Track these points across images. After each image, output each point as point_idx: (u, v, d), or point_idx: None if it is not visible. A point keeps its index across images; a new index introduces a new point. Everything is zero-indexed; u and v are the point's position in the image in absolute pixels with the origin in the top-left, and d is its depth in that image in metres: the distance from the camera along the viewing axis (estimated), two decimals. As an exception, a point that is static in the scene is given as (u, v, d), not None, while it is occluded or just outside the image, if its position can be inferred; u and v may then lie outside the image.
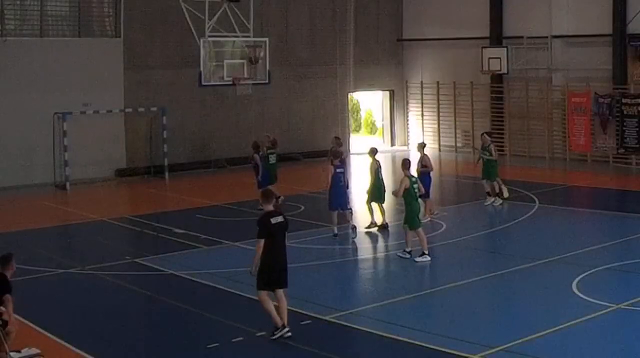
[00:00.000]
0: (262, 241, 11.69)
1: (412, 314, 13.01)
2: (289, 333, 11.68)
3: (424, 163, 20.02)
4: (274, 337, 11.65)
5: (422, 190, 16.87)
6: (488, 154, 21.51)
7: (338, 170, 18.61)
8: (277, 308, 11.81)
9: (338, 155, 18.81)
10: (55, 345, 11.68)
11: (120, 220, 21.16)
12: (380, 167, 19.36)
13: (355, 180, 24.71)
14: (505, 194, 21.68)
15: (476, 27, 31.91)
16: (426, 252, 16.05)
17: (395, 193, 16.52)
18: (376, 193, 19.15)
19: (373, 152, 19.44)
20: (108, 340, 11.97)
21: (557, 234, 18.54)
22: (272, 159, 22.00)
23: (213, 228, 19.42)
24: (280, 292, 11.89)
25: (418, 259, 15.97)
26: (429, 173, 20.02)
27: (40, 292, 14.23)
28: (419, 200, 16.69)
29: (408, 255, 16.19)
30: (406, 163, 16.46)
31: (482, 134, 22.69)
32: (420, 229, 16.26)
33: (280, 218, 11.96)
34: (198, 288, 14.61)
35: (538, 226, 19.51)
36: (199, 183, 27.36)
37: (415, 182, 16.40)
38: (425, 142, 22.07)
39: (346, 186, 18.92)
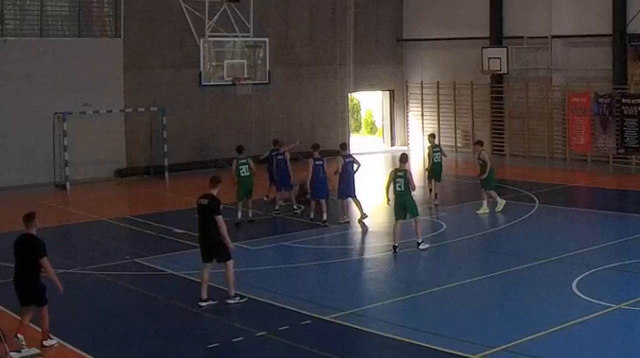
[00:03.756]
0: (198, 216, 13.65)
1: (412, 314, 13.01)
2: (227, 301, 13.31)
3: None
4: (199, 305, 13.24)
5: (412, 185, 16.88)
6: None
7: (317, 162, 19.89)
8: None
9: (317, 148, 20.31)
10: (53, 347, 11.67)
11: (120, 220, 21.16)
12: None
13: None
14: (497, 207, 20.72)
15: (476, 27, 31.92)
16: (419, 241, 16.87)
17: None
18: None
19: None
20: (108, 340, 11.97)
21: (557, 234, 18.55)
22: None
23: (213, 228, 19.37)
24: (225, 264, 13.37)
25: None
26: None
27: (40, 292, 14.21)
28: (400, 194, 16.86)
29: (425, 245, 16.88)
30: (402, 157, 17.14)
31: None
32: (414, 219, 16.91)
33: (203, 201, 13.58)
34: (198, 288, 14.58)
35: (538, 226, 19.51)
36: (199, 183, 27.22)
37: (402, 177, 16.69)
38: (345, 143, 21.52)
39: (325, 177, 19.97)
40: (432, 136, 23.37)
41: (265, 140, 29.06)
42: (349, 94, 34.50)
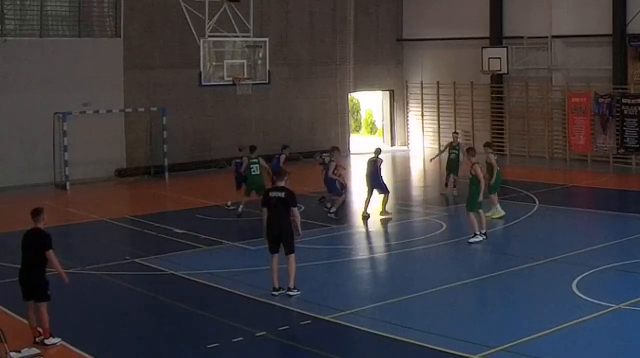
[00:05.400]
0: (264, 209, 13.67)
1: (412, 314, 13.00)
2: (288, 293, 13.53)
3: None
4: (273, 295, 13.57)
5: (479, 176, 17.60)
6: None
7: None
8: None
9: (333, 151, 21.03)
10: (55, 345, 11.68)
11: (120, 220, 21.16)
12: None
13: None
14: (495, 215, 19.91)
15: (476, 27, 31.92)
16: (477, 233, 17.26)
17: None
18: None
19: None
20: (108, 340, 11.97)
21: (557, 234, 18.56)
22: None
23: (213, 228, 19.41)
24: (288, 257, 13.55)
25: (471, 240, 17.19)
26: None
27: (40, 292, 14.20)
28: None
29: (479, 238, 17.25)
30: (470, 151, 18.13)
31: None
32: (477, 212, 17.53)
33: (278, 194, 13.60)
34: (198, 288, 14.61)
35: (538, 226, 19.50)
36: (199, 183, 27.36)
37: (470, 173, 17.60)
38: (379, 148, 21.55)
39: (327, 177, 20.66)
40: (456, 133, 24.78)
41: (265, 140, 29.09)
42: (349, 94, 34.51)
